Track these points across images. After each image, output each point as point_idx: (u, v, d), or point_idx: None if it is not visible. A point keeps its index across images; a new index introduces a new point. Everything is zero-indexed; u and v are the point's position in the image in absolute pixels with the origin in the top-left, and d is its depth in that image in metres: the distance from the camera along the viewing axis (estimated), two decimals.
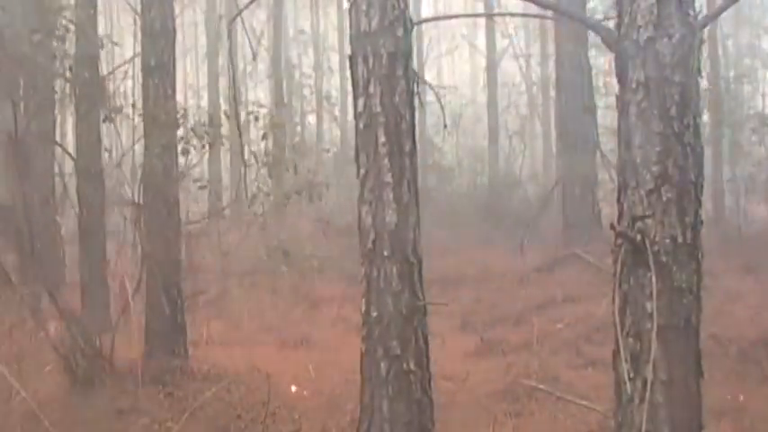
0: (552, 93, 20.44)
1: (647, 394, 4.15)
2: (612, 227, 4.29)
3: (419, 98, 5.69)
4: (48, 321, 8.01)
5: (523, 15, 9.45)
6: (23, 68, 8.59)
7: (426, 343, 5.58)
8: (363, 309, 5.58)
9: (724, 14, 9.43)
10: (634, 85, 4.25)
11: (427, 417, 5.57)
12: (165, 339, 8.33)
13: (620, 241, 4.27)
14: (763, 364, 7.72)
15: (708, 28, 15.70)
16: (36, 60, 8.77)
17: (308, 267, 11.23)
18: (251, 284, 11.91)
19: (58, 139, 11.35)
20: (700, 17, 4.36)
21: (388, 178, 5.42)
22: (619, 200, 4.35)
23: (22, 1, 9.24)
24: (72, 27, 9.39)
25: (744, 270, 12.09)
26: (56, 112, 10.86)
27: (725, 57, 21.38)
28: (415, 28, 5.91)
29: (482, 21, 23.39)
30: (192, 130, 8.78)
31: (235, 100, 7.48)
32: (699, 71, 4.27)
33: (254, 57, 18.01)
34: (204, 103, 23.45)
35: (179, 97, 8.84)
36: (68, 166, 10.95)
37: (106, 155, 10.47)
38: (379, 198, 5.46)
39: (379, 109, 5.42)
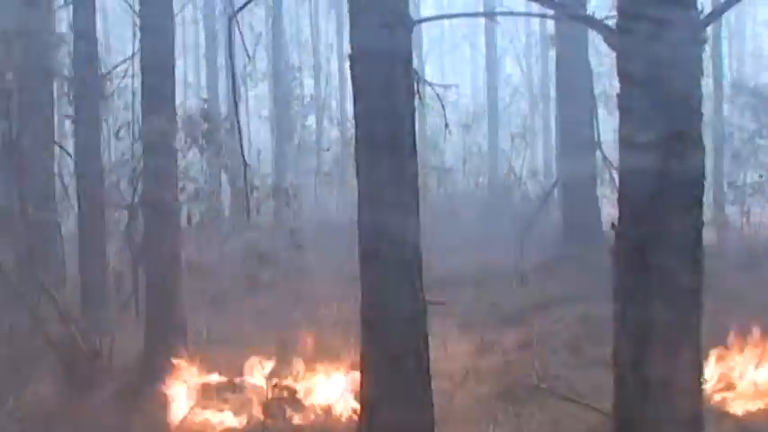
0: (553, 92, 20.42)
1: (648, 394, 4.14)
2: (613, 227, 4.28)
3: (419, 98, 5.68)
4: (47, 322, 8.02)
5: (524, 15, 9.42)
6: (21, 68, 8.58)
7: (426, 343, 5.57)
8: (363, 309, 5.57)
9: (728, 13, 9.41)
10: (635, 85, 4.23)
11: (427, 417, 5.56)
12: (164, 339, 8.32)
13: (620, 241, 4.26)
14: None
15: (711, 26, 15.71)
16: (34, 60, 8.76)
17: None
18: (251, 284, 11.92)
19: (57, 139, 11.32)
20: (702, 16, 4.34)
21: (388, 178, 5.41)
22: (619, 200, 4.33)
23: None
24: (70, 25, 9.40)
25: (744, 270, 12.07)
26: (55, 111, 10.84)
27: (729, 56, 21.34)
28: (416, 27, 5.90)
29: (483, 20, 23.35)
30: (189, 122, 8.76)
31: (235, 100, 7.44)
32: (701, 70, 4.25)
33: (250, 57, 17.98)
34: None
35: (178, 96, 8.83)
36: (68, 165, 10.95)
37: (106, 155, 10.46)
38: (378, 198, 5.45)
39: (378, 108, 5.40)
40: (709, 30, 7.20)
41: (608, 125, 14.81)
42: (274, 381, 7.12)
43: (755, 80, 20.50)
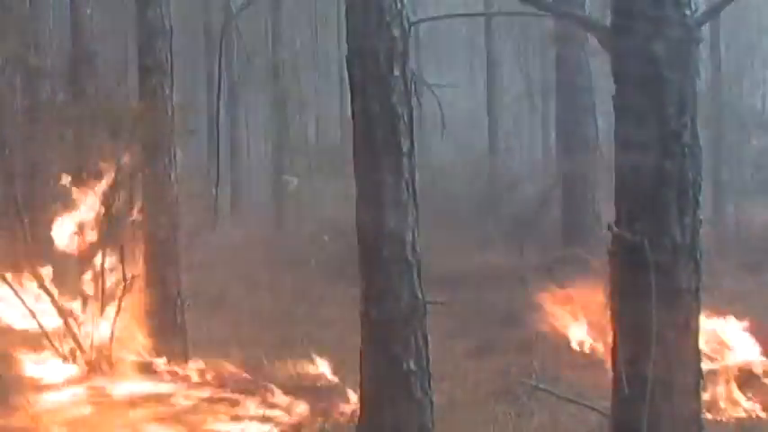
0: (552, 92, 20.39)
1: (647, 394, 4.14)
2: (610, 227, 4.27)
3: (417, 98, 5.68)
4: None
5: (523, 15, 9.42)
6: (20, 68, 8.59)
7: (426, 343, 5.57)
8: (363, 309, 5.57)
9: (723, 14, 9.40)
10: (631, 85, 4.23)
11: (427, 417, 5.56)
12: (164, 339, 8.31)
13: (618, 241, 4.26)
14: None
15: (708, 27, 15.71)
16: (32, 60, 8.77)
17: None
18: (251, 284, 11.91)
19: (56, 139, 11.32)
20: (696, 16, 4.34)
21: (387, 178, 5.41)
22: (617, 200, 4.33)
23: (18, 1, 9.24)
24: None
25: (744, 270, 12.07)
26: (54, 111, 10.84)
27: (726, 56, 21.31)
28: (414, 27, 5.90)
29: (482, 20, 23.34)
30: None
31: (218, 103, 7.51)
32: (696, 70, 4.25)
33: (248, 59, 18.04)
34: (203, 103, 23.39)
35: (176, 97, 8.83)
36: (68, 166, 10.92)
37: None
38: (377, 198, 5.45)
39: (376, 109, 5.40)
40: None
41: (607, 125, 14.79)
42: None
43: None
